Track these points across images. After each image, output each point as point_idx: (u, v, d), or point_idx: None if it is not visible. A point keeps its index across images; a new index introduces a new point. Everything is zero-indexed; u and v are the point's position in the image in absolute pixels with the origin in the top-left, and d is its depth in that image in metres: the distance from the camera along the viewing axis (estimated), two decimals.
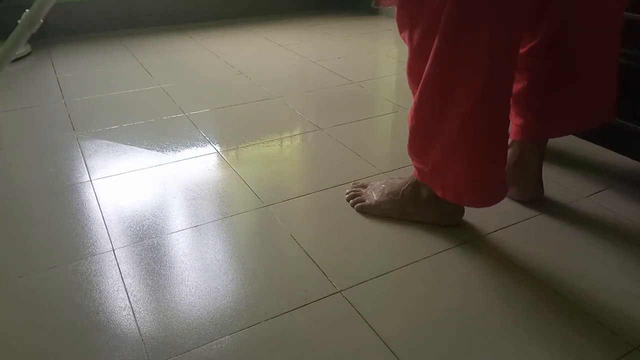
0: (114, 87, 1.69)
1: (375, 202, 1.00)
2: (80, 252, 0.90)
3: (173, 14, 2.50)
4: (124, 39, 2.28)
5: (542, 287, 0.81)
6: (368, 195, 1.03)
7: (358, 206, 1.02)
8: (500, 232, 0.95)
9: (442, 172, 0.90)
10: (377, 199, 1.00)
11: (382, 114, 1.48)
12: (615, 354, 0.69)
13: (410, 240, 0.93)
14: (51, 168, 1.18)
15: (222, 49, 2.12)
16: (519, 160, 1.01)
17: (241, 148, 1.28)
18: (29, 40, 2.13)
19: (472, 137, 0.83)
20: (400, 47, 2.19)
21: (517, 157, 1.01)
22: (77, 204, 1.04)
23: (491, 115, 0.82)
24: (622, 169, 1.15)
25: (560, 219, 0.98)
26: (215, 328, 0.73)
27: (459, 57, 0.79)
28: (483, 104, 0.80)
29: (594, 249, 0.90)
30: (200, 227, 0.96)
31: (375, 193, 1.02)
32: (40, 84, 1.73)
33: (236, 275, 0.84)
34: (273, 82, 1.73)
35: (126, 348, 0.70)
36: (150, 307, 0.77)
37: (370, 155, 1.23)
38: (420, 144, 0.91)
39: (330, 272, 0.84)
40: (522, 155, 1.01)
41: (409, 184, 0.97)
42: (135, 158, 1.22)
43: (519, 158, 1.01)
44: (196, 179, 1.13)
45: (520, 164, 1.01)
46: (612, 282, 0.82)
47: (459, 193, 0.90)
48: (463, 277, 0.83)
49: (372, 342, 0.71)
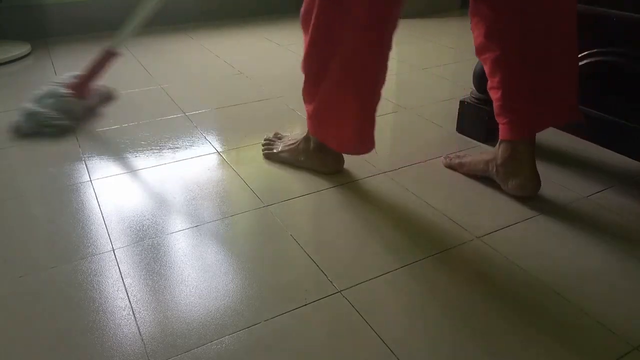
0: (114, 87, 1.69)
1: (277, 151, 1.19)
2: (80, 252, 0.90)
3: (173, 14, 2.49)
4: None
5: (542, 287, 0.81)
6: (276, 145, 1.20)
7: (264, 153, 1.21)
8: (500, 232, 0.95)
9: (323, 118, 1.07)
10: (280, 149, 1.19)
11: (382, 114, 1.48)
12: (615, 354, 0.69)
13: (410, 240, 0.93)
14: (51, 168, 1.18)
15: (222, 49, 2.12)
16: (511, 155, 1.02)
17: (241, 148, 1.28)
18: (29, 40, 2.13)
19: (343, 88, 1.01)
20: (400, 47, 2.19)
21: (509, 152, 1.02)
22: (77, 204, 1.04)
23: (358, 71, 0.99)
24: (622, 169, 1.15)
25: (560, 219, 0.98)
26: (215, 328, 0.73)
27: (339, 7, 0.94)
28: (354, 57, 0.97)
29: (594, 249, 0.90)
30: (200, 227, 0.96)
31: (282, 144, 1.19)
32: (40, 84, 1.72)
33: (236, 275, 0.84)
34: (273, 82, 1.73)
35: (126, 348, 0.70)
36: (150, 307, 0.77)
37: (370, 155, 1.23)
38: (310, 89, 1.06)
39: (330, 272, 0.84)
40: (513, 150, 1.02)
41: (304, 136, 1.14)
42: (135, 158, 1.22)
43: (511, 153, 1.02)
44: (196, 179, 1.13)
45: (513, 158, 1.02)
46: (612, 282, 0.82)
47: (336, 141, 1.09)
48: (463, 277, 0.83)
49: (372, 342, 0.71)
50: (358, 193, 1.08)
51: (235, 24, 2.55)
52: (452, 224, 0.97)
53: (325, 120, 1.08)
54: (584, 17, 1.09)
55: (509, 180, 1.03)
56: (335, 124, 1.07)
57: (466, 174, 1.13)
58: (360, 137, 1.08)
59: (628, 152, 1.09)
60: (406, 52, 2.10)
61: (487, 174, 1.08)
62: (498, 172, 1.05)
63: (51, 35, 2.27)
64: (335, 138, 1.10)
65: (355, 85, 1.02)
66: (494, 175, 1.06)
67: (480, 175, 1.10)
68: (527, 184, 1.02)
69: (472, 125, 1.30)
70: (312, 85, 1.06)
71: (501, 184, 1.05)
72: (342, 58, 0.98)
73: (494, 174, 1.06)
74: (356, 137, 1.08)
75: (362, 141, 1.08)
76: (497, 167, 1.05)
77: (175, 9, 2.49)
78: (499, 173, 1.05)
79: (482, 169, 1.09)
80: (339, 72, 1.00)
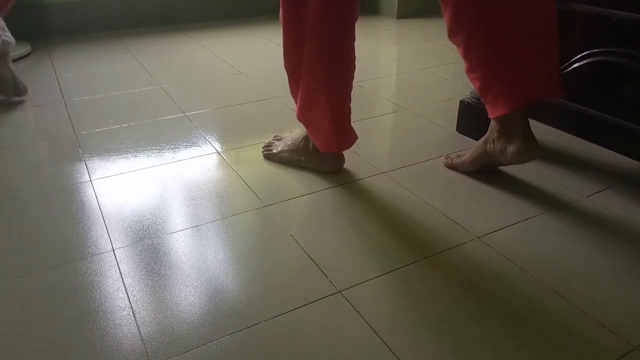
0: (114, 87, 1.69)
1: (277, 152, 1.19)
2: (80, 252, 0.90)
3: (173, 14, 2.50)
4: (124, 39, 2.28)
5: (542, 287, 0.81)
6: (276, 145, 1.21)
7: (264, 154, 1.21)
8: (500, 232, 0.95)
9: (306, 118, 1.09)
10: (280, 150, 1.19)
11: (382, 114, 1.48)
12: (615, 354, 0.69)
13: (410, 240, 0.93)
14: (51, 168, 1.18)
15: (222, 49, 2.12)
16: (503, 125, 1.03)
17: (241, 148, 1.28)
18: (29, 40, 2.13)
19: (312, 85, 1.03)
20: (400, 47, 2.19)
21: (501, 124, 1.03)
22: (77, 204, 1.04)
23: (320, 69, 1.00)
24: (622, 169, 1.15)
25: (560, 219, 0.98)
26: (215, 328, 0.73)
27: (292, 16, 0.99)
28: (311, 56, 0.99)
29: (594, 249, 0.90)
30: (200, 227, 0.96)
31: (282, 144, 1.19)
32: (40, 84, 1.72)
33: (236, 275, 0.84)
34: (273, 82, 1.73)
35: (126, 348, 0.70)
36: (150, 307, 0.77)
37: (370, 155, 1.23)
38: (293, 88, 1.10)
39: (330, 272, 0.84)
40: (504, 121, 1.02)
41: (304, 136, 1.15)
42: (135, 158, 1.22)
43: (502, 125, 1.03)
44: (196, 179, 1.13)
45: (506, 128, 1.03)
46: (612, 282, 0.82)
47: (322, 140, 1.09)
48: (463, 277, 0.83)
49: (372, 342, 0.71)
50: (358, 193, 1.08)
51: (235, 24, 2.55)
52: (452, 224, 0.97)
53: (308, 120, 1.10)
54: (585, 17, 1.09)
55: (507, 149, 1.03)
56: (315, 123, 1.09)
57: (469, 169, 1.13)
58: (338, 134, 1.09)
59: (628, 152, 1.09)
60: (406, 52, 2.10)
61: (487, 157, 1.07)
62: (495, 147, 1.05)
63: (51, 36, 2.27)
64: (318, 138, 1.11)
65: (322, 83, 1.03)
66: (494, 153, 1.06)
67: (483, 163, 1.09)
68: (525, 148, 1.01)
69: (472, 125, 1.30)
70: (293, 85, 1.09)
71: (502, 159, 1.05)
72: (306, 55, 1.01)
73: (493, 152, 1.06)
74: (336, 134, 1.09)
75: (341, 137, 1.10)
76: (494, 142, 1.05)
77: (175, 9, 2.49)
78: (496, 147, 1.05)
79: (481, 153, 1.08)
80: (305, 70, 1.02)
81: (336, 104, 1.06)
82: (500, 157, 1.04)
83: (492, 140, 1.05)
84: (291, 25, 1.01)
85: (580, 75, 1.12)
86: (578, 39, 1.12)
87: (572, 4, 1.10)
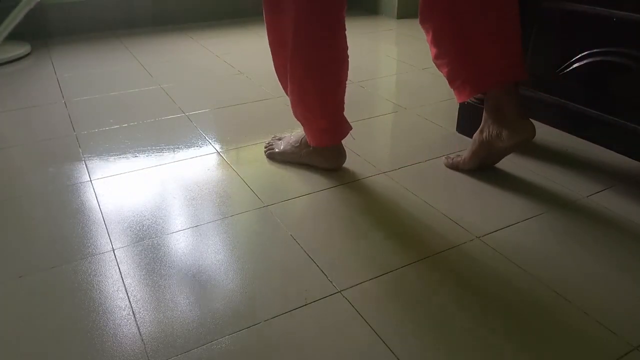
0: (114, 87, 1.69)
1: (280, 150, 1.19)
2: (80, 252, 0.90)
3: (173, 14, 2.50)
4: (124, 39, 2.28)
5: (542, 287, 0.81)
6: (278, 145, 1.21)
7: (267, 153, 1.21)
8: (500, 232, 0.95)
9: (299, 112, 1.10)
10: (282, 148, 1.19)
11: (382, 114, 1.48)
12: (615, 354, 0.69)
13: (410, 240, 0.93)
14: (51, 168, 1.18)
15: (222, 49, 2.12)
16: (494, 106, 1.04)
17: (241, 148, 1.28)
18: (29, 40, 2.13)
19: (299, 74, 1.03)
20: (400, 47, 2.19)
21: (491, 103, 1.04)
22: (77, 204, 1.04)
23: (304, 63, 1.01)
24: (622, 169, 1.15)
25: (560, 219, 0.98)
26: (215, 328, 0.73)
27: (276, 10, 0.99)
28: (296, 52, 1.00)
29: (594, 248, 0.90)
30: (200, 227, 0.96)
31: (284, 143, 1.20)
32: (40, 84, 1.73)
33: (236, 275, 0.84)
34: (273, 82, 1.72)
35: (126, 348, 0.70)
36: (150, 307, 0.77)
37: (370, 155, 1.23)
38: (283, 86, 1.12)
39: (330, 272, 0.84)
40: (494, 100, 1.04)
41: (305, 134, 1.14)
42: (135, 158, 1.22)
43: (493, 103, 1.04)
44: (196, 179, 1.13)
45: (498, 110, 1.03)
46: (612, 282, 0.82)
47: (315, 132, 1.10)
48: (463, 277, 0.83)
49: (372, 342, 0.71)
50: (358, 193, 1.08)
51: (235, 24, 2.55)
52: (452, 224, 0.97)
53: (300, 114, 1.11)
54: (584, 17, 1.09)
55: (502, 133, 1.03)
56: (307, 115, 1.09)
57: (470, 166, 1.12)
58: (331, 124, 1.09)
59: (628, 152, 1.09)
60: (406, 52, 2.10)
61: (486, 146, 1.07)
62: (491, 133, 1.05)
63: (51, 35, 2.27)
64: (311, 132, 1.11)
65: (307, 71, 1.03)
66: (490, 140, 1.06)
67: (483, 155, 1.09)
68: (519, 127, 1.01)
69: (472, 125, 1.30)
70: (283, 82, 1.11)
71: (500, 143, 1.05)
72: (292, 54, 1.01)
73: (489, 139, 1.06)
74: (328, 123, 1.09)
75: (334, 128, 1.10)
76: (489, 129, 1.05)
77: (175, 9, 2.49)
78: (492, 133, 1.05)
79: (479, 143, 1.08)
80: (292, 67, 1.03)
81: (325, 93, 1.05)
82: (498, 142, 1.05)
83: (487, 127, 1.06)
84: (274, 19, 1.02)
85: (580, 75, 1.12)
86: (578, 39, 1.12)
87: (572, 4, 1.10)
